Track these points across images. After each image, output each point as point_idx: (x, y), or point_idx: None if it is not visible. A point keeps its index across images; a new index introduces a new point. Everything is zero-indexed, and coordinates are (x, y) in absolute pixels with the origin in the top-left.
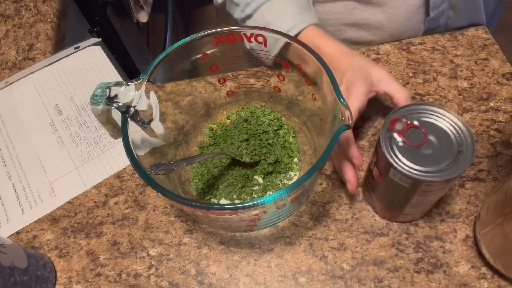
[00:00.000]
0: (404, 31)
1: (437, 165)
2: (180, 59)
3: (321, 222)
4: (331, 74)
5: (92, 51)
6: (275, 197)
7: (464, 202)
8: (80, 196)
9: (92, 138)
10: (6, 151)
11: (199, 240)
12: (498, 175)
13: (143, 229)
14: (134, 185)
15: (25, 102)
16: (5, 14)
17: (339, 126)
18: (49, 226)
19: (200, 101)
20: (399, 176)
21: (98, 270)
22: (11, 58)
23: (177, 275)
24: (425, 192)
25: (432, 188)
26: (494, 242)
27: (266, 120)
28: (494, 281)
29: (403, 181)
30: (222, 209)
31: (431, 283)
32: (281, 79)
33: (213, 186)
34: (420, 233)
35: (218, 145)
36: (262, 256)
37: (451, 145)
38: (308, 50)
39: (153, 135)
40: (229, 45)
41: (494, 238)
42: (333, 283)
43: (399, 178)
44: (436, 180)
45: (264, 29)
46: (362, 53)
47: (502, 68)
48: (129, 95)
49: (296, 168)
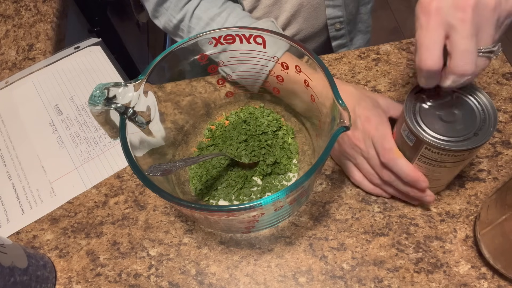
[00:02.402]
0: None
1: (446, 135)
2: (179, 60)
3: (321, 222)
4: (330, 76)
5: (92, 51)
6: (273, 198)
7: (464, 202)
8: (80, 196)
9: (92, 138)
10: (6, 151)
11: (199, 240)
12: (498, 175)
13: (143, 229)
14: (134, 185)
15: (25, 102)
16: (5, 14)
17: (338, 128)
18: (49, 226)
19: (200, 101)
20: (407, 132)
21: (98, 270)
22: (11, 58)
23: (177, 275)
24: (426, 158)
25: (432, 156)
26: (494, 242)
27: (265, 121)
28: (494, 281)
29: (409, 138)
30: (220, 211)
31: (431, 283)
32: (280, 80)
33: (211, 187)
34: (420, 233)
35: (217, 146)
36: (262, 256)
37: (471, 124)
38: (308, 52)
39: (151, 136)
40: (228, 46)
41: (494, 238)
42: (333, 283)
43: (406, 134)
44: (435, 145)
45: (264, 30)
46: (362, 54)
47: (502, 68)
48: (128, 96)
49: (295, 169)
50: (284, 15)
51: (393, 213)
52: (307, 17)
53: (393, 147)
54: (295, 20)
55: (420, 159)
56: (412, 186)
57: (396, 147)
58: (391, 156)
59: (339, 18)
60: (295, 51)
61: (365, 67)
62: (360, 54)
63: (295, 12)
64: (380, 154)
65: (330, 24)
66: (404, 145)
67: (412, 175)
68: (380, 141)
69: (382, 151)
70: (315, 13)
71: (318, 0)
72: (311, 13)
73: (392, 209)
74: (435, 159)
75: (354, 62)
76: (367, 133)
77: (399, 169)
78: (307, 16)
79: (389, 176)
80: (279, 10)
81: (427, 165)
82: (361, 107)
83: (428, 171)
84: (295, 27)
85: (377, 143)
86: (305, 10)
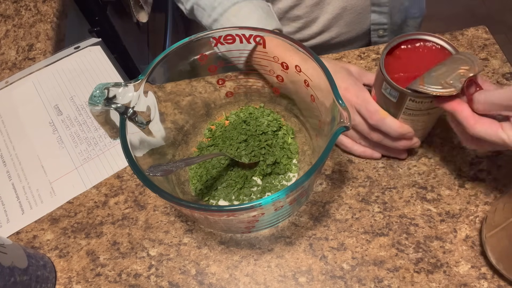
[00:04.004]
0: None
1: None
2: (179, 60)
3: (321, 222)
4: (330, 75)
5: (92, 51)
6: (273, 198)
7: (464, 202)
8: (80, 196)
9: (92, 138)
10: (6, 151)
11: (199, 240)
12: (498, 175)
13: (143, 229)
14: (134, 185)
15: (25, 102)
16: (5, 14)
17: (338, 128)
18: (49, 226)
19: (200, 101)
20: (389, 90)
21: (98, 270)
22: (11, 58)
23: (177, 275)
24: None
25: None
26: (500, 245)
27: (265, 121)
28: (494, 281)
29: (392, 95)
30: (220, 211)
31: (431, 283)
32: (280, 80)
33: (211, 187)
34: (420, 233)
35: (217, 146)
36: (262, 256)
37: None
38: (307, 52)
39: (151, 136)
40: (228, 46)
41: (500, 241)
42: (333, 283)
43: (389, 91)
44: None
45: (264, 30)
46: (361, 53)
47: (502, 68)
48: (128, 96)
49: (295, 169)
50: (325, 16)
51: (393, 213)
52: (349, 22)
53: (378, 109)
54: (336, 23)
55: (405, 112)
56: (400, 139)
57: (380, 108)
58: (378, 117)
59: (384, 25)
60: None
61: (365, 67)
62: (360, 54)
63: (336, 15)
64: (368, 117)
65: (374, 30)
66: (388, 103)
67: (401, 130)
68: (364, 106)
69: (368, 115)
70: (358, 18)
71: (363, 6)
72: (354, 17)
73: (392, 209)
74: (419, 109)
75: (354, 62)
76: (348, 103)
77: (388, 127)
78: (349, 20)
79: (378, 136)
80: (321, 11)
81: (412, 116)
82: (338, 78)
83: (412, 122)
84: (335, 30)
85: (362, 109)
86: (348, 14)
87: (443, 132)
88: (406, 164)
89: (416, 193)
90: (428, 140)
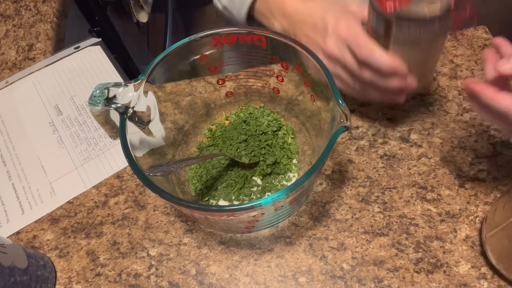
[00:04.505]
0: None
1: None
2: (179, 60)
3: (321, 222)
4: (330, 76)
5: (92, 51)
6: (273, 198)
7: (464, 202)
8: (80, 196)
9: (92, 138)
10: (6, 151)
11: (199, 240)
12: (498, 175)
13: (143, 229)
14: (134, 185)
15: (25, 102)
16: (5, 14)
17: (338, 128)
18: (49, 226)
19: (200, 101)
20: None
21: (98, 270)
22: (11, 58)
23: (177, 275)
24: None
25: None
26: (500, 245)
27: (265, 121)
28: (494, 281)
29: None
30: (220, 211)
31: (431, 283)
32: (280, 80)
33: (211, 187)
34: (420, 233)
35: (217, 146)
36: (262, 256)
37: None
38: (307, 51)
39: (151, 136)
40: (228, 46)
41: (500, 241)
42: (333, 283)
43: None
44: (403, 17)
45: (264, 30)
46: None
47: None
48: (128, 96)
49: (295, 169)
50: None
51: (393, 213)
52: None
53: (368, 41)
54: None
55: (395, 41)
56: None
57: (370, 40)
58: (367, 51)
59: None
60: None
61: None
62: None
63: None
64: (357, 52)
65: None
66: (377, 35)
67: (390, 62)
68: (353, 39)
69: (357, 48)
70: None
71: None
72: None
73: (392, 209)
74: (409, 38)
75: None
76: (339, 36)
77: (377, 60)
78: None
79: (369, 74)
80: None
81: (403, 47)
82: (330, 14)
83: (404, 57)
84: None
85: (351, 42)
86: None
87: (443, 132)
88: (406, 164)
89: (416, 193)
90: (428, 140)
